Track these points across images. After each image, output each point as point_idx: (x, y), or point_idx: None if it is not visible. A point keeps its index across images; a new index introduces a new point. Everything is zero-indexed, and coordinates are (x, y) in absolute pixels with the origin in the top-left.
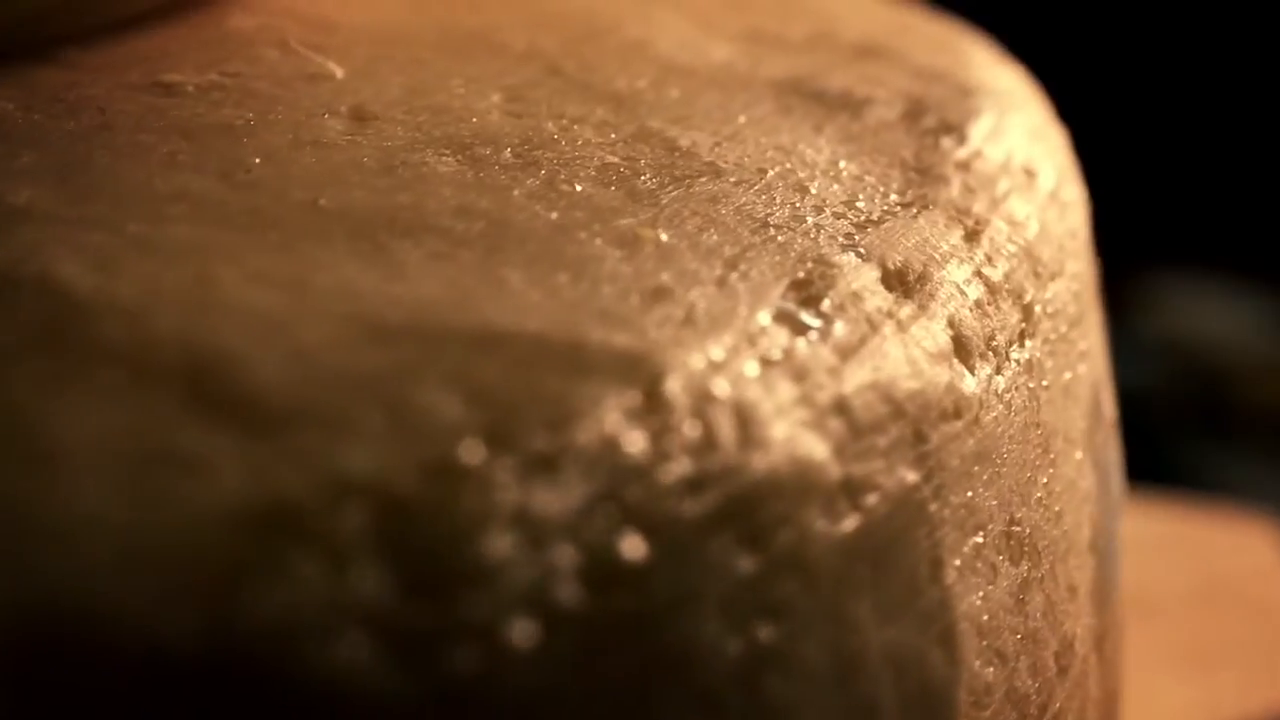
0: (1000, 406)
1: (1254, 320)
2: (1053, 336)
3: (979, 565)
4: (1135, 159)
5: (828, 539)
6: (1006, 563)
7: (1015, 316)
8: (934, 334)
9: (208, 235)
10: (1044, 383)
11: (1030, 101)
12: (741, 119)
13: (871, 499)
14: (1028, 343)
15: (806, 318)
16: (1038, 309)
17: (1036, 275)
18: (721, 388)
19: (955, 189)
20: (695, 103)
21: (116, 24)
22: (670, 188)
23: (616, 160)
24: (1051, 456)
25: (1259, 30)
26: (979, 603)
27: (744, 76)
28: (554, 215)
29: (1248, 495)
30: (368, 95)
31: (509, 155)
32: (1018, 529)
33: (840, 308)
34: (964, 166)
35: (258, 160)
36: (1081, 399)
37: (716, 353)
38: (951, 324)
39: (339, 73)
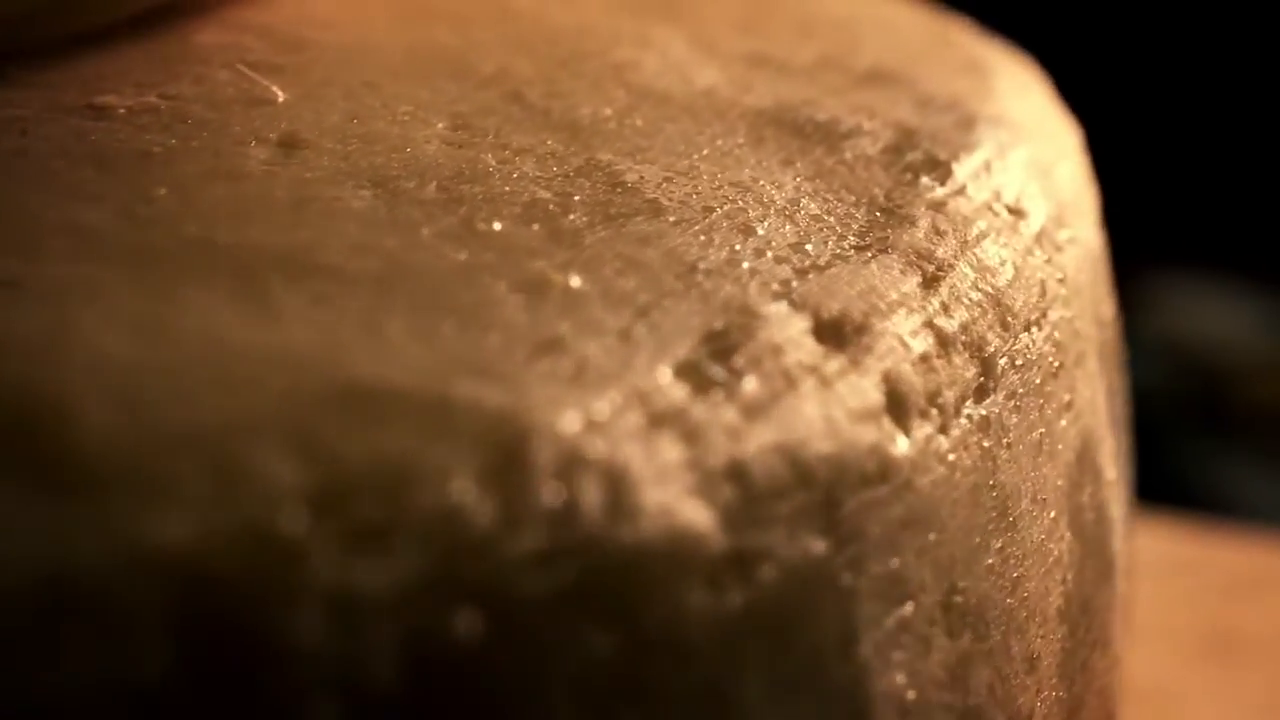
0: (941, 468)
1: (1254, 320)
2: (1021, 390)
3: (905, 639)
4: (1135, 159)
5: (708, 615)
6: (942, 635)
7: (971, 370)
8: (863, 391)
9: (83, 273)
10: (1005, 441)
11: (1046, 135)
12: (704, 151)
13: (766, 571)
14: (987, 398)
15: (714, 373)
16: (1002, 361)
17: (1005, 325)
18: (595, 450)
19: (921, 231)
20: (658, 133)
21: (78, 38)
22: (600, 227)
23: (549, 196)
24: (1010, 519)
25: (1259, 31)
26: (903, 680)
27: (724, 104)
28: (461, 256)
29: (1248, 495)
30: (304, 122)
31: (433, 190)
32: (959, 599)
33: (755, 362)
34: (938, 206)
35: (163, 191)
36: (1061, 456)
37: (598, 411)
38: (887, 380)
39: (281, 97)
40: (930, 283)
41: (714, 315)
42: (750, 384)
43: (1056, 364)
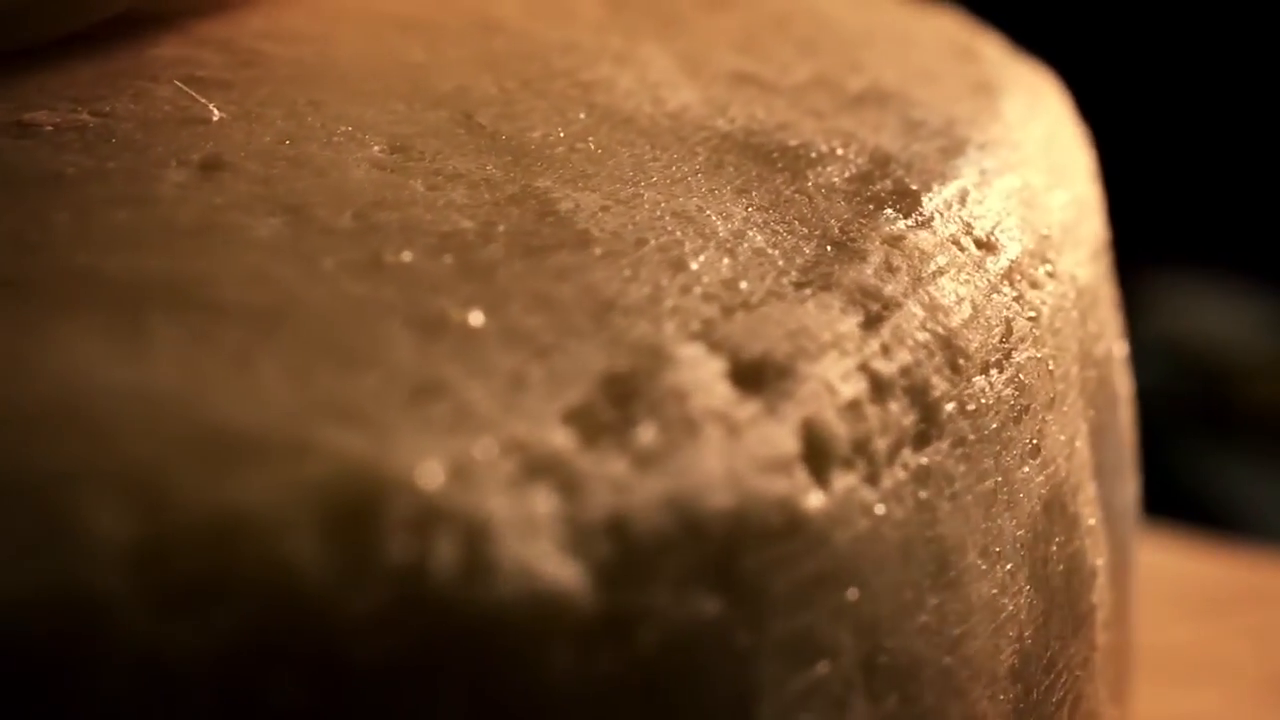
0: (865, 521)
1: (1254, 320)
2: (972, 437)
3: (816, 702)
4: (1136, 159)
5: (575, 680)
6: (862, 699)
7: (910, 417)
8: (776, 439)
9: None
10: (949, 491)
11: (1047, 161)
12: (653, 178)
13: (646, 632)
14: (928, 446)
15: (606, 419)
16: (949, 406)
17: (955, 368)
18: (455, 503)
19: (871, 267)
20: (609, 158)
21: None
22: (517, 260)
23: (471, 226)
24: (952, 574)
25: (1259, 31)
26: None
27: (690, 127)
28: (359, 290)
29: (1249, 495)
30: (232, 143)
31: (347, 218)
32: (885, 659)
33: (654, 408)
34: (894, 240)
35: (63, 216)
36: (1022, 505)
37: (467, 460)
38: (806, 427)
39: (217, 116)
40: (872, 322)
41: (619, 357)
42: (645, 432)
43: (1020, 408)
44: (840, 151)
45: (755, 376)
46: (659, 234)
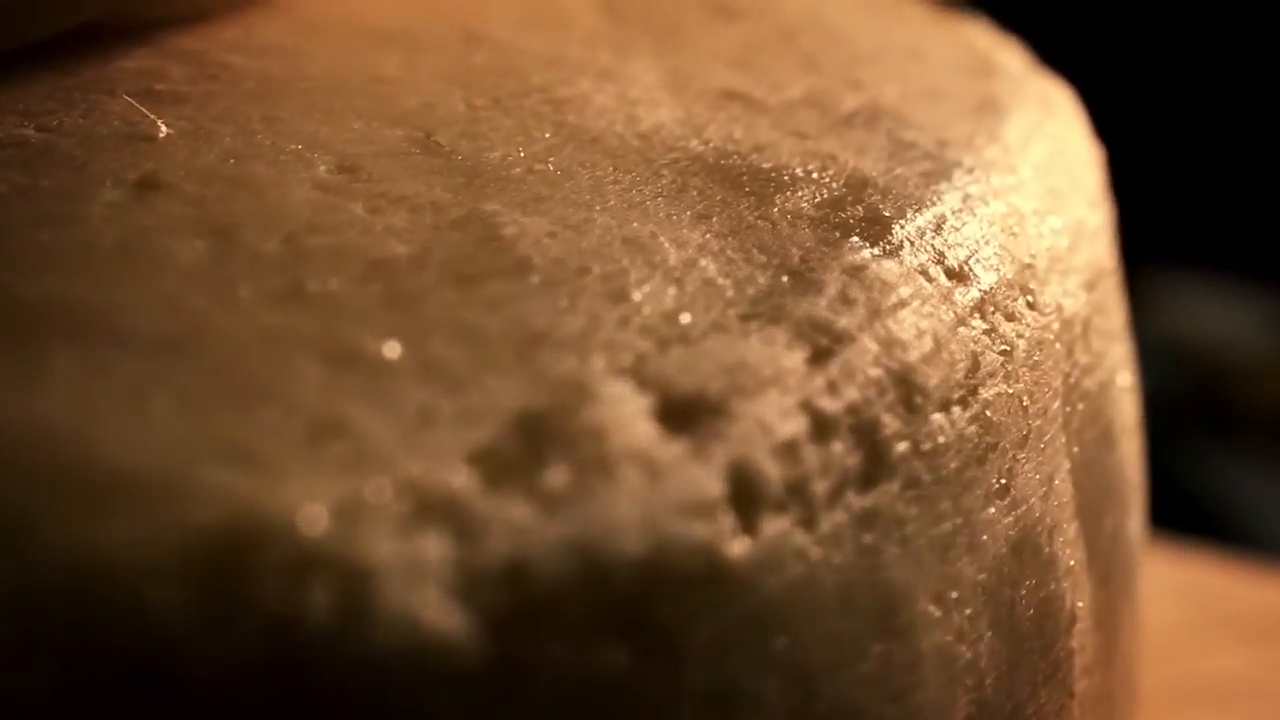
0: (798, 567)
1: (1254, 320)
2: (928, 478)
3: None
4: (1135, 159)
5: None
6: None
7: (855, 458)
8: (699, 481)
9: None
10: (898, 535)
11: (1045, 185)
12: (610, 202)
13: (542, 682)
14: (874, 488)
15: (514, 459)
16: (901, 446)
17: (910, 405)
18: (338, 548)
19: (826, 299)
20: (567, 181)
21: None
22: (449, 289)
23: (405, 252)
24: (900, 621)
25: (1259, 31)
26: None
27: (660, 148)
28: (275, 320)
29: (1249, 496)
30: (173, 162)
31: (276, 243)
32: (821, 707)
33: (568, 447)
34: (855, 271)
35: None
36: (986, 548)
37: (355, 502)
38: (735, 468)
39: (164, 132)
40: (820, 357)
41: (538, 393)
42: (555, 473)
43: (986, 446)
44: (816, 175)
45: (684, 415)
46: (604, 262)
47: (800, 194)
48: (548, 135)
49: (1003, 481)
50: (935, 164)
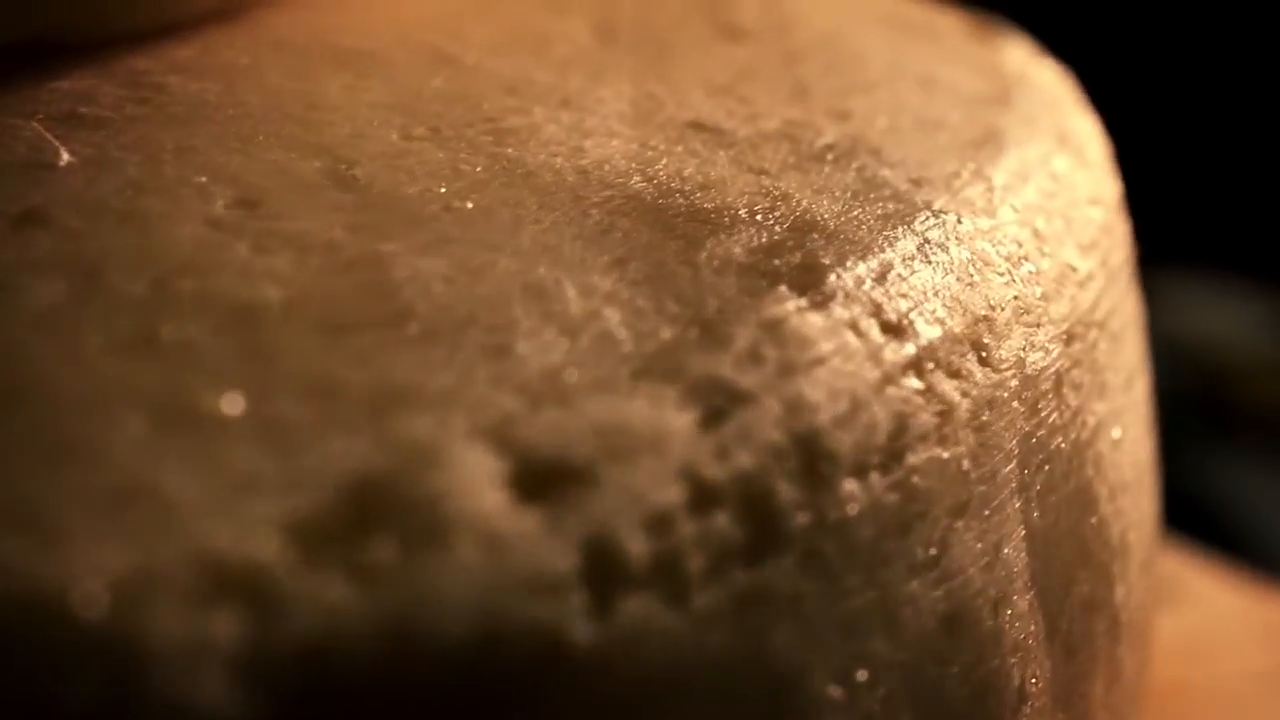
0: (663, 650)
1: (1254, 320)
2: (831, 551)
3: None
4: (1134, 159)
5: None
6: None
7: (742, 529)
8: (549, 555)
9: None
10: (794, 612)
11: (1026, 228)
12: (524, 244)
13: None
14: (764, 562)
15: (336, 529)
16: (800, 517)
17: (814, 473)
18: (113, 626)
19: (732, 355)
20: (483, 220)
21: None
22: (315, 338)
23: (278, 298)
24: (791, 706)
25: (1259, 31)
26: None
27: (596, 185)
28: (116, 372)
29: (1249, 495)
30: (66, 192)
31: (143, 285)
32: None
33: (402, 516)
34: (772, 325)
35: None
36: (907, 625)
37: (144, 576)
38: (593, 541)
39: (65, 160)
40: (712, 419)
41: (381, 456)
42: (381, 545)
43: (911, 515)
44: (760, 217)
45: (542, 482)
46: (494, 312)
47: (736, 237)
48: (478, 169)
49: (932, 552)
50: (900, 205)
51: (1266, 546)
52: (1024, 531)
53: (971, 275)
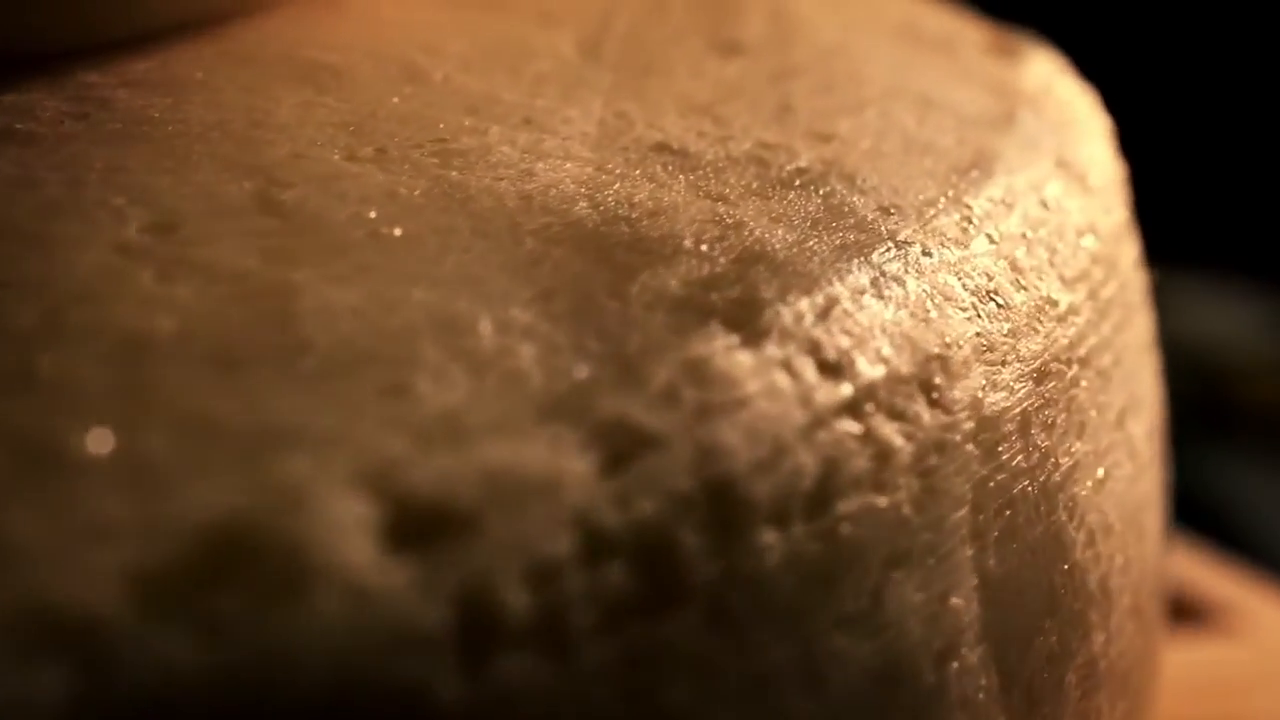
0: (542, 711)
1: (1254, 320)
2: (741, 606)
3: None
4: (1134, 160)
5: None
6: None
7: (639, 582)
8: (417, 609)
9: None
10: (691, 671)
11: (998, 265)
12: (446, 274)
13: None
14: (663, 617)
15: (183, 578)
16: (705, 569)
17: (725, 522)
18: None
19: (646, 396)
20: (409, 249)
21: None
22: (201, 373)
23: (170, 329)
24: None
25: (1259, 31)
26: None
27: (538, 211)
28: None
29: (1249, 495)
30: None
31: (34, 316)
32: None
33: (259, 565)
34: (695, 364)
35: None
36: (832, 681)
37: None
38: (467, 595)
39: None
40: (614, 464)
41: (247, 501)
42: (230, 596)
43: (839, 565)
44: (706, 247)
45: (419, 531)
46: (399, 347)
47: (675, 269)
48: (416, 193)
49: (864, 604)
50: (861, 235)
51: (1267, 546)
52: (976, 581)
53: (928, 311)
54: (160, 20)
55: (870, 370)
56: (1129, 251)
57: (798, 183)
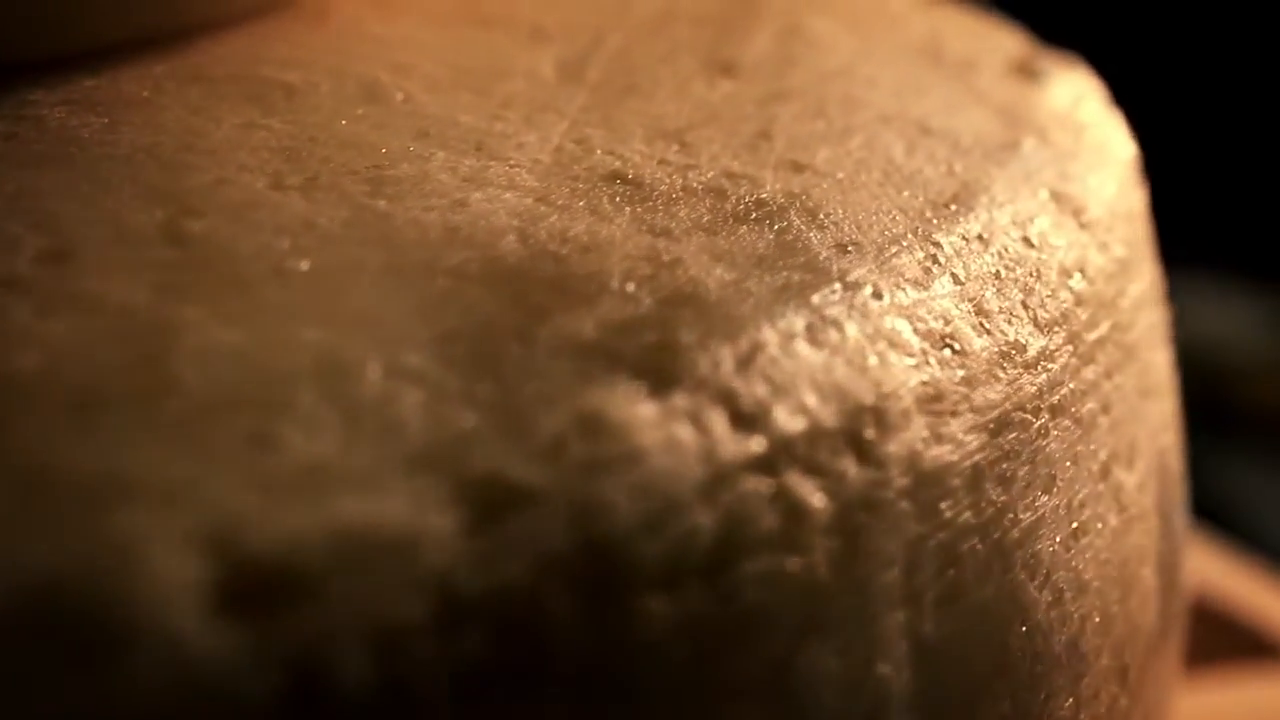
0: None
1: (1254, 320)
2: (620, 678)
3: None
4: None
5: None
6: None
7: (497, 652)
8: (249, 677)
9: None
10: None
11: (965, 305)
12: (345, 314)
13: None
14: (527, 693)
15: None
16: (576, 639)
17: (600, 589)
18: None
19: (527, 449)
20: (314, 286)
21: None
22: (53, 417)
23: (30, 369)
24: None
25: (1259, 30)
26: None
27: (461, 245)
28: None
29: (1249, 495)
30: None
31: None
32: None
33: (68, 630)
34: (588, 416)
35: None
36: None
37: None
38: (302, 663)
39: None
40: (482, 523)
41: (69, 560)
42: (42, 661)
43: (736, 633)
44: (633, 287)
45: (255, 593)
46: (274, 392)
47: (594, 311)
48: (336, 225)
49: (767, 675)
50: (807, 275)
51: (1267, 546)
52: (906, 646)
53: (866, 358)
54: (115, 35)
55: (789, 422)
56: (1133, 289)
57: (754, 216)
